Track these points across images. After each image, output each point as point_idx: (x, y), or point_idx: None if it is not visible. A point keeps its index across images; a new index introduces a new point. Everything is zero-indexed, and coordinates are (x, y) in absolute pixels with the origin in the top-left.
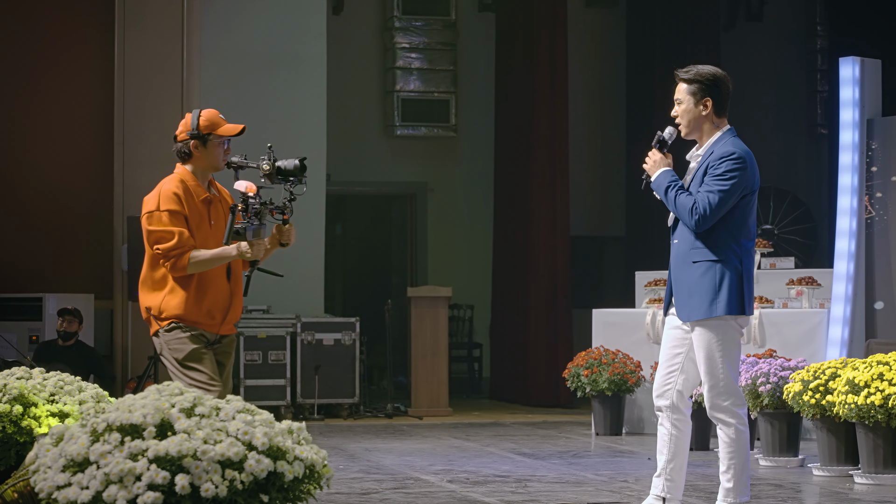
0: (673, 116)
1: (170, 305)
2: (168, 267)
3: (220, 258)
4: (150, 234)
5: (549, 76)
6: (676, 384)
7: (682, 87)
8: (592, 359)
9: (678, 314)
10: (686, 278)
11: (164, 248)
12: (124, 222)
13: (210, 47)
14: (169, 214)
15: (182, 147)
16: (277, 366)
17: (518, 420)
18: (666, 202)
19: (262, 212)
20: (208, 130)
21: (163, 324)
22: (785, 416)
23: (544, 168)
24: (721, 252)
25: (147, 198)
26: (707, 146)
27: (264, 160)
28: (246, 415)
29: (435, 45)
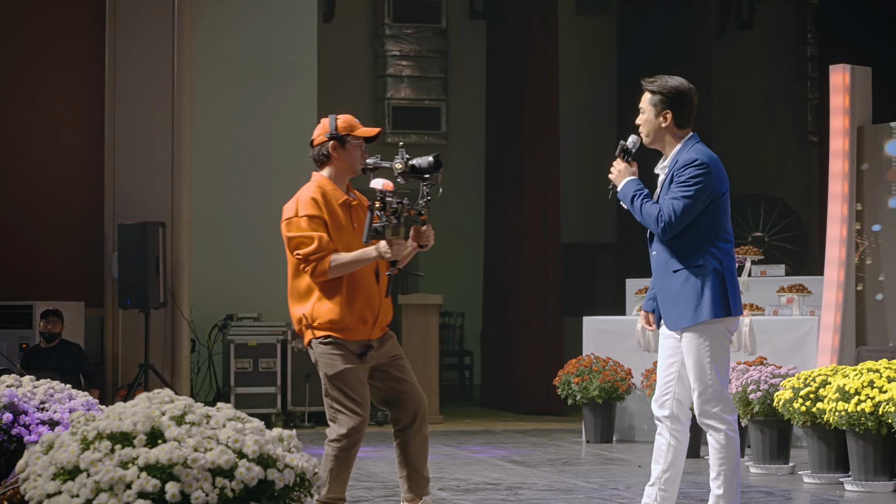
0: (636, 125)
1: (321, 311)
2: (309, 272)
3: (360, 260)
4: (290, 240)
5: (541, 84)
6: (675, 394)
7: (645, 96)
8: (583, 366)
9: (666, 324)
10: (669, 288)
11: (304, 253)
12: (115, 229)
13: (201, 55)
14: (308, 219)
15: (320, 150)
16: (268, 373)
17: (509, 428)
18: (632, 211)
19: (400, 210)
20: (346, 132)
21: (317, 334)
22: (775, 424)
23: (535, 175)
24: (699, 257)
25: (286, 205)
26: (671, 156)
27: (398, 159)
28: (236, 423)
29: (426, 52)
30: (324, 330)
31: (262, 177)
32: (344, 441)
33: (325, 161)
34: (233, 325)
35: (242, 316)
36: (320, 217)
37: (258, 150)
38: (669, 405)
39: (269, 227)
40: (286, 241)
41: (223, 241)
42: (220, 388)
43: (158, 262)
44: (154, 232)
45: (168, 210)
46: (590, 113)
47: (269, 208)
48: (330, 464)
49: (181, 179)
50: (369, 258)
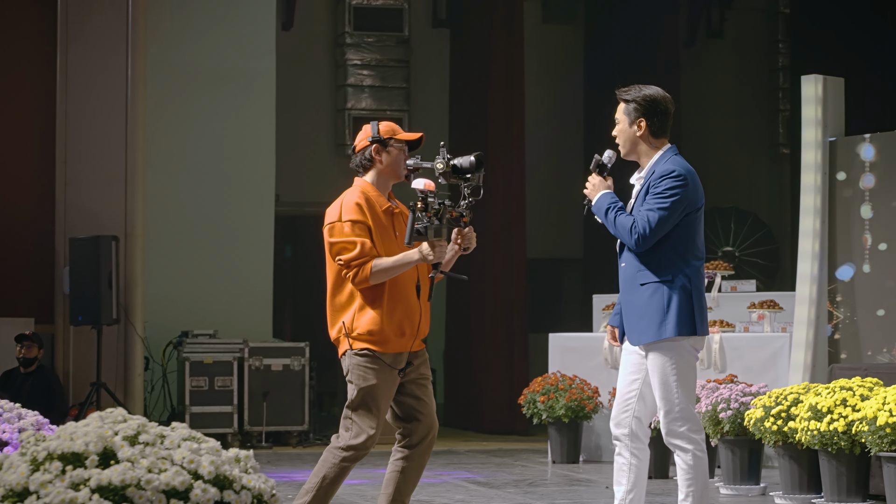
0: (613, 136)
1: (362, 321)
2: (351, 277)
3: (403, 264)
4: (332, 245)
5: (505, 94)
6: (634, 411)
7: (620, 106)
8: (549, 384)
9: (629, 338)
10: (635, 301)
11: (346, 259)
12: (66, 243)
13: (156, 63)
14: (351, 224)
15: (363, 155)
16: (224, 392)
17: (472, 448)
18: (606, 224)
19: (442, 211)
20: (389, 135)
21: (355, 346)
22: (746, 443)
23: (500, 188)
24: (668, 272)
25: (329, 210)
26: (648, 167)
27: (439, 159)
28: (192, 443)
29: (387, 61)
30: (362, 342)
31: (219, 189)
32: (352, 453)
33: (368, 166)
34: (188, 342)
35: (198, 333)
36: (364, 222)
37: (215, 161)
38: (628, 423)
39: (227, 240)
40: (328, 246)
41: (178, 255)
42: (174, 407)
43: (111, 276)
44: (107, 246)
45: (121, 223)
46: (556, 124)
47: (225, 221)
48: (327, 470)
49: (135, 191)
50: (412, 261)
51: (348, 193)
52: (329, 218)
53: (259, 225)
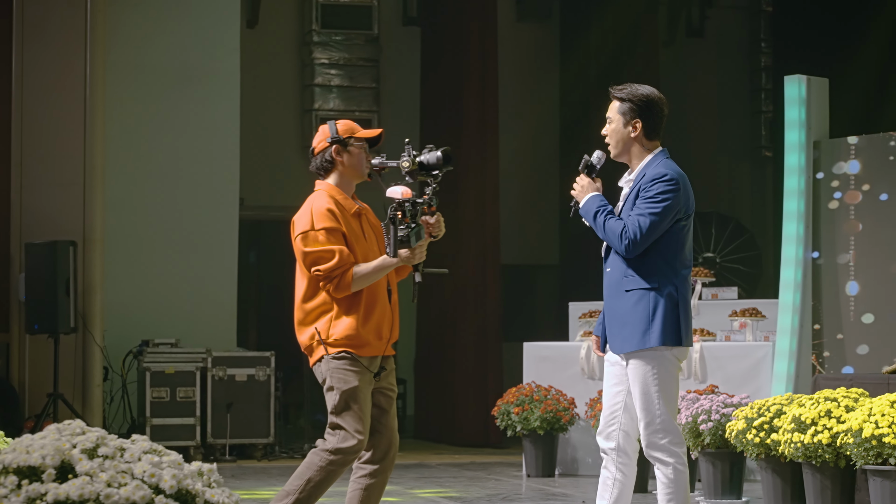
0: (602, 136)
1: (339, 327)
2: (331, 289)
3: (382, 268)
4: (307, 255)
5: (479, 94)
6: (622, 424)
7: (614, 105)
8: (523, 395)
9: (611, 346)
10: (619, 308)
11: (325, 269)
12: (21, 249)
13: (115, 62)
14: (326, 232)
15: (323, 157)
16: (186, 403)
17: (444, 461)
18: (595, 228)
19: (417, 212)
20: (348, 134)
21: (331, 350)
22: (727, 456)
23: (473, 192)
24: (655, 279)
25: (297, 218)
26: (638, 170)
27: (405, 157)
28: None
29: (356, 60)
30: (339, 346)
31: (181, 192)
32: (340, 456)
33: (329, 168)
34: (148, 352)
35: (159, 342)
36: (338, 229)
37: (176, 163)
38: (616, 436)
39: (189, 245)
40: (301, 256)
41: (139, 261)
42: (134, 419)
43: (69, 283)
44: (64, 251)
45: (79, 228)
46: (531, 125)
47: (188, 226)
48: (312, 472)
49: (93, 195)
50: (391, 265)
51: (316, 199)
52: (300, 226)
53: (222, 230)
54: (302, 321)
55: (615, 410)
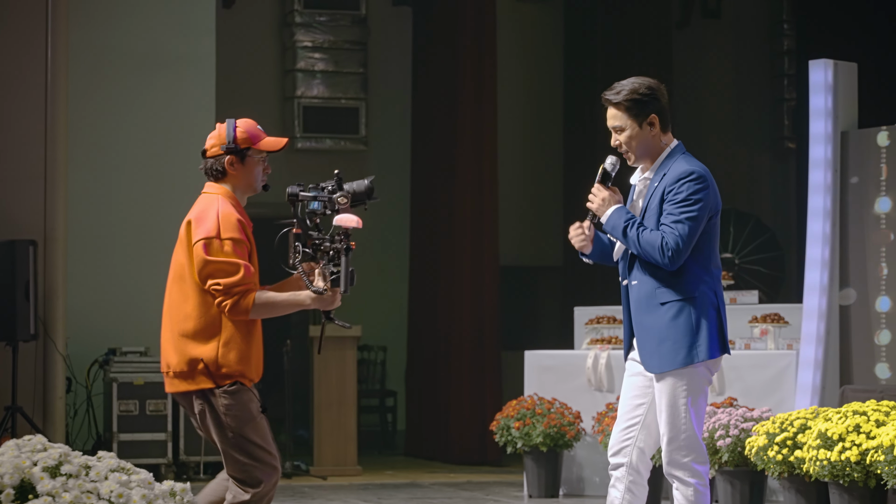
0: (614, 146)
1: (231, 359)
2: (227, 307)
3: (291, 305)
4: (207, 264)
5: (476, 81)
6: (637, 440)
7: (616, 112)
8: (525, 409)
9: (646, 366)
10: (653, 323)
11: (226, 284)
12: None
13: (80, 45)
14: (233, 243)
15: (214, 164)
16: (157, 417)
17: (438, 480)
18: (627, 243)
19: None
20: (247, 144)
21: (222, 382)
22: (747, 475)
23: (470, 188)
24: (694, 288)
25: (198, 219)
26: (656, 167)
27: (340, 195)
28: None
29: (342, 43)
30: (231, 378)
31: (151, 188)
32: (264, 501)
33: (219, 176)
34: (116, 361)
35: (127, 350)
36: (245, 244)
37: (146, 157)
38: (629, 453)
39: (159, 246)
40: (199, 264)
41: (105, 263)
42: (100, 434)
43: (28, 286)
44: (23, 252)
45: (40, 226)
46: (533, 115)
47: (158, 224)
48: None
49: (55, 191)
50: (302, 306)
51: (221, 204)
52: (203, 230)
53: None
54: (180, 341)
55: (632, 425)
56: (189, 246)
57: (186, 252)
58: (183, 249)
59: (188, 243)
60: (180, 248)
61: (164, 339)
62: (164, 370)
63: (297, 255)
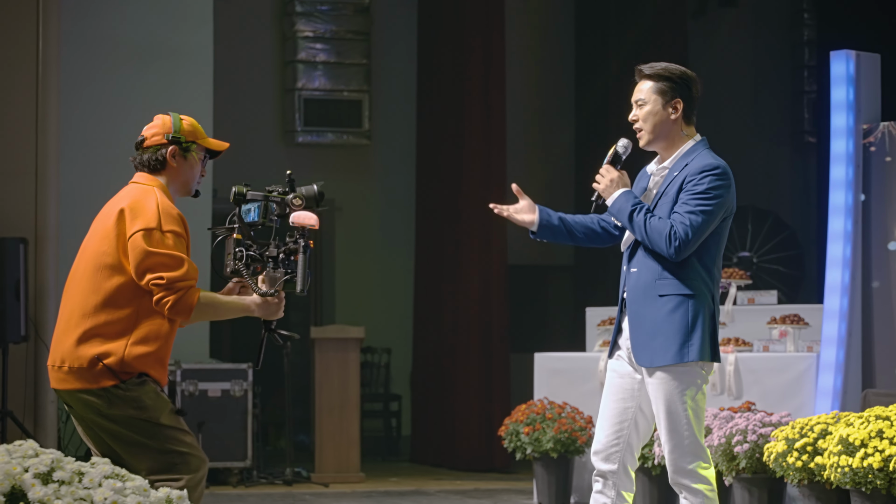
0: (632, 121)
1: (137, 352)
2: (169, 303)
3: (235, 310)
4: (149, 256)
5: (484, 72)
6: (627, 445)
7: (645, 85)
8: (534, 413)
9: (636, 357)
10: (649, 314)
11: (169, 278)
12: None
13: (72, 34)
14: (174, 237)
15: (154, 155)
16: None
17: (444, 487)
18: (632, 228)
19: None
20: (192, 139)
21: (125, 377)
22: (766, 482)
23: (477, 183)
24: (693, 285)
25: (134, 208)
26: (675, 158)
27: (294, 196)
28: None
29: (345, 33)
30: (136, 370)
31: None
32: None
33: (157, 169)
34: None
35: None
36: (185, 239)
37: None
38: (618, 458)
39: None
40: (140, 256)
41: None
42: None
43: (19, 286)
44: (13, 250)
45: (31, 223)
46: (542, 105)
47: None
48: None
49: (47, 186)
50: (247, 312)
51: (158, 195)
52: (143, 221)
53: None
54: (84, 333)
55: (621, 429)
56: (117, 236)
57: (112, 242)
58: (105, 240)
59: (116, 233)
60: (99, 238)
61: (61, 331)
62: (54, 364)
63: (237, 261)
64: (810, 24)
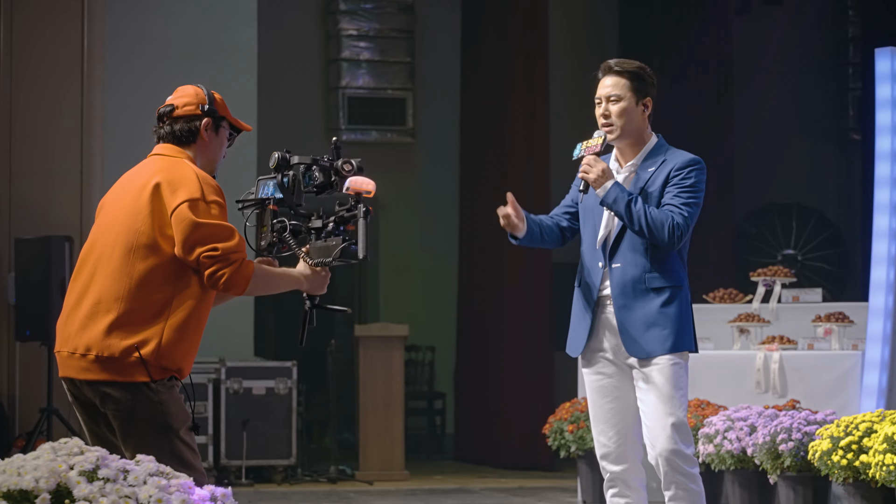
0: (603, 116)
1: (173, 344)
2: (224, 276)
3: (286, 282)
4: (198, 227)
5: (527, 68)
6: (633, 441)
7: (619, 80)
8: (578, 411)
9: (630, 350)
10: (641, 308)
11: (224, 248)
12: (11, 245)
13: (116, 33)
14: (220, 209)
15: (188, 125)
16: (197, 420)
17: (488, 485)
18: (629, 218)
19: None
20: (223, 113)
21: (157, 375)
22: (810, 480)
23: (521, 180)
24: (677, 277)
25: (174, 180)
26: (643, 155)
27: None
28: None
29: (388, 32)
30: (168, 371)
31: None
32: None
33: (187, 140)
34: None
35: None
36: (225, 211)
37: None
38: (628, 456)
39: None
40: (188, 228)
41: None
42: None
43: (64, 283)
44: (59, 248)
45: (76, 222)
46: (586, 104)
47: None
48: None
49: (91, 185)
50: (295, 285)
51: (193, 167)
52: (184, 191)
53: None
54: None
55: (621, 427)
56: (151, 213)
57: (147, 220)
58: (137, 217)
59: (150, 210)
60: (129, 216)
61: (86, 316)
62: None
63: (277, 233)
64: (854, 21)
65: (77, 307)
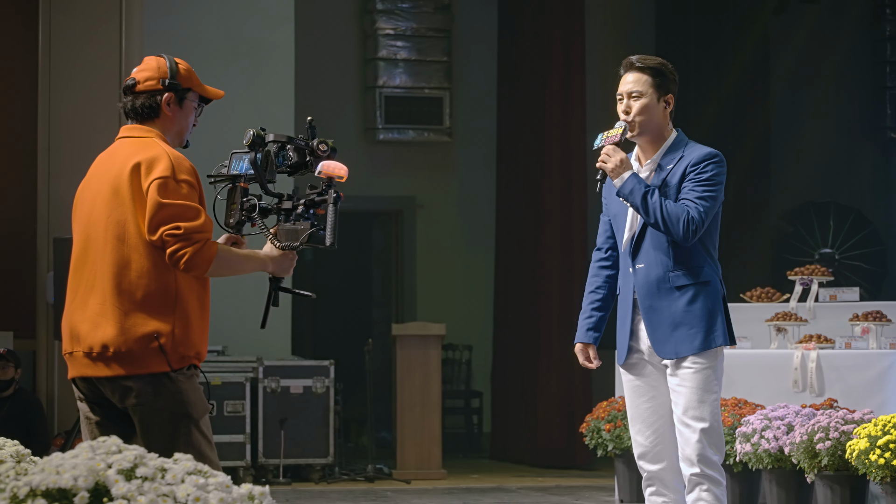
0: (624, 112)
1: (187, 331)
2: (185, 256)
3: (251, 264)
4: (162, 207)
5: (564, 68)
6: (670, 440)
7: (641, 77)
8: (616, 410)
9: (659, 352)
10: (667, 308)
11: (187, 227)
12: (50, 244)
13: (154, 34)
14: (189, 188)
15: (147, 101)
16: (235, 418)
17: (525, 484)
18: (645, 210)
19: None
20: (188, 85)
21: (177, 364)
22: (847, 480)
23: (558, 179)
24: (705, 273)
25: (147, 159)
26: (663, 151)
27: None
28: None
29: (425, 31)
30: (187, 359)
31: None
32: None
33: (149, 117)
34: None
35: None
36: (198, 192)
37: (222, 147)
38: (665, 455)
39: None
40: (153, 208)
41: None
42: None
43: None
44: None
45: None
46: None
47: None
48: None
49: None
50: (260, 267)
51: (165, 145)
52: (158, 170)
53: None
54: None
55: (659, 426)
56: (136, 198)
57: (130, 206)
58: (121, 205)
59: (133, 195)
60: (113, 204)
61: (96, 314)
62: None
63: (246, 212)
64: (892, 20)
65: (83, 306)
